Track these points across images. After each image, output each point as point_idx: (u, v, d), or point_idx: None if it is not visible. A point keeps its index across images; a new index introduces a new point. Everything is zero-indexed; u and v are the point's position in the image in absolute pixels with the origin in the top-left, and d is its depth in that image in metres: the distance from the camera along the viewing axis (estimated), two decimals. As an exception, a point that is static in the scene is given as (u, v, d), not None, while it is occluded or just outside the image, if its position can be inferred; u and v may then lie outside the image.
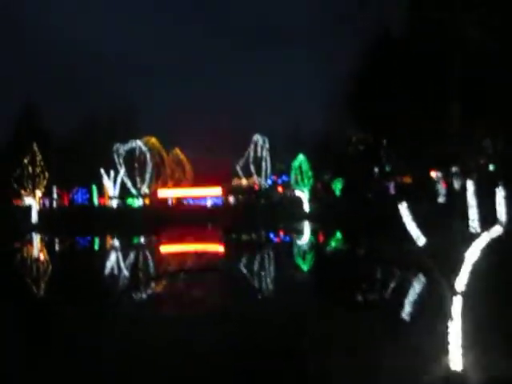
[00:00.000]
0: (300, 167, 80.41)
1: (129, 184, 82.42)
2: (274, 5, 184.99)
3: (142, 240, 48.32)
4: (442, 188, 40.23)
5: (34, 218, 67.70)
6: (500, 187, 23.51)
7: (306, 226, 53.90)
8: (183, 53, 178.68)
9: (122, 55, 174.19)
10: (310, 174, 79.35)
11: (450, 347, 8.30)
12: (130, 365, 10.51)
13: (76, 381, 9.88)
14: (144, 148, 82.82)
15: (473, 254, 8.89)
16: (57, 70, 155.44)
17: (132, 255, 33.38)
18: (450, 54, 30.48)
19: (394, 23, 39.92)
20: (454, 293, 8.38)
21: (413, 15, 35.23)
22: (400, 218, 20.60)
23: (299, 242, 39.29)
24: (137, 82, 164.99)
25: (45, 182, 78.09)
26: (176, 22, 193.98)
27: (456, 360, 8.25)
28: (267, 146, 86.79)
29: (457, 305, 8.33)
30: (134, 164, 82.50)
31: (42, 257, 36.12)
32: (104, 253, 37.80)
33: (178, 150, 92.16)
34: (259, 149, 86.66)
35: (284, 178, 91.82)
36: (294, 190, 78.33)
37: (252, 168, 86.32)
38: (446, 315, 8.35)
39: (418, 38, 35.47)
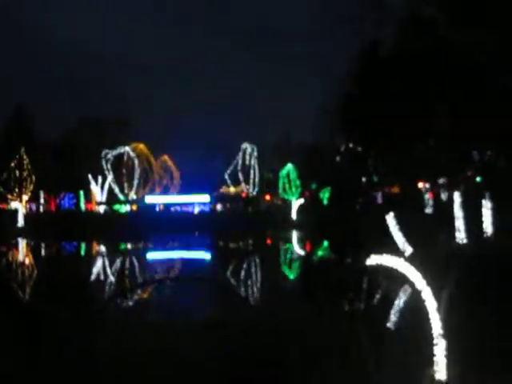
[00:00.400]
0: (288, 176, 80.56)
1: (116, 190, 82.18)
2: (274, 5, 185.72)
3: (129, 246, 48.13)
4: (429, 199, 40.40)
5: (21, 222, 67.21)
6: (486, 199, 23.63)
7: (293, 235, 53.91)
8: (183, 53, 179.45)
9: (122, 55, 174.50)
10: (297, 182, 79.50)
11: (435, 358, 8.31)
12: (118, 372, 10.41)
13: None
14: (132, 154, 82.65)
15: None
16: (53, 71, 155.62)
17: (118, 261, 33.21)
18: (439, 67, 30.72)
19: (385, 37, 40.19)
20: (439, 302, 8.41)
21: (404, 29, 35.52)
22: (387, 227, 20.66)
23: (286, 251, 39.33)
24: (135, 82, 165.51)
25: (31, 187, 77.67)
26: (176, 22, 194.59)
27: (441, 370, 8.27)
28: (256, 154, 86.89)
29: (441, 315, 8.36)
30: (122, 170, 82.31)
31: (27, 261, 35.87)
32: (90, 259, 37.62)
33: (166, 157, 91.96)
34: (248, 157, 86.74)
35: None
36: (287, 198, 78.52)
37: (240, 176, 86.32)
38: (430, 325, 8.37)
39: (408, 53, 35.75)
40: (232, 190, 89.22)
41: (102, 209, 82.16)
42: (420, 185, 45.46)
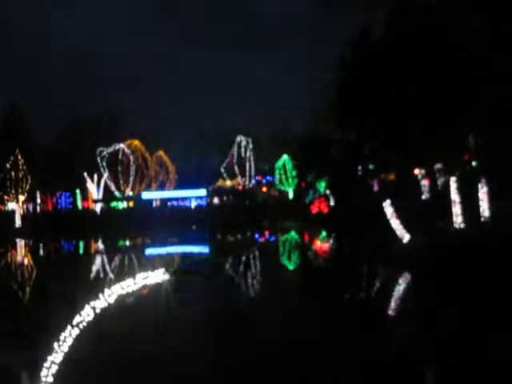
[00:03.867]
0: (284, 167, 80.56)
1: (113, 187, 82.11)
2: (274, 5, 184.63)
3: (127, 243, 48.06)
4: (425, 185, 40.35)
5: (18, 222, 67.09)
6: (483, 183, 23.52)
7: (291, 226, 53.87)
8: (179, 51, 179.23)
9: (111, 53, 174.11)
10: (293, 173, 79.46)
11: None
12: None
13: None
14: (127, 151, 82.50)
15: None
16: (46, 69, 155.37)
17: (116, 258, 33.12)
18: (432, 53, 30.63)
19: (377, 24, 39.99)
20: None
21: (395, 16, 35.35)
22: (384, 215, 20.57)
23: (284, 242, 39.35)
24: (124, 82, 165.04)
25: (28, 187, 77.48)
26: (173, 22, 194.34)
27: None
28: (251, 146, 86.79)
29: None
30: (118, 167, 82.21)
31: (26, 262, 35.78)
32: (88, 257, 37.57)
33: (161, 152, 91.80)
34: (243, 149, 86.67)
35: (268, 177, 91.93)
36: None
37: (236, 169, 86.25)
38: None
39: (400, 37, 35.62)
40: (228, 183, 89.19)
41: (98, 206, 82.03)
42: (416, 171, 45.38)
